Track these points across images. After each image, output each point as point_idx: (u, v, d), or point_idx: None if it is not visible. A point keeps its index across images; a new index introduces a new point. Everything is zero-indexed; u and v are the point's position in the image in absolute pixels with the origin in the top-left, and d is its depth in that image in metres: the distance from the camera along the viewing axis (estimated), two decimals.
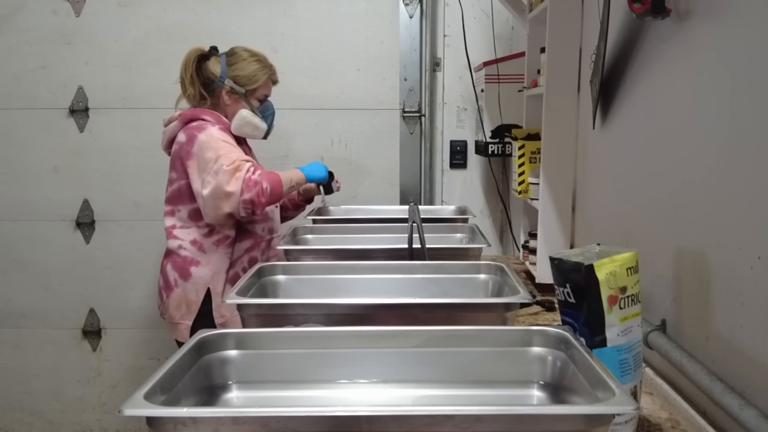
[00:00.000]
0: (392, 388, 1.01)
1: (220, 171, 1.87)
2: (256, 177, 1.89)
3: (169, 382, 0.86)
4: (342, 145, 2.87)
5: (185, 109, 2.05)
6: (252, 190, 1.87)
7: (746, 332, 0.92)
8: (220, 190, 1.87)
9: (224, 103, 2.05)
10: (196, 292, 2.01)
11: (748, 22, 0.93)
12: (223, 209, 1.89)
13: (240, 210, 1.89)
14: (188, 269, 2.01)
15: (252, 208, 1.90)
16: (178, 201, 2.01)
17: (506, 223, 2.83)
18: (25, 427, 3.03)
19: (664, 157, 1.21)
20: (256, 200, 1.89)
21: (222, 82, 2.03)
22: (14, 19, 2.78)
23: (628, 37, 1.38)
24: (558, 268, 0.95)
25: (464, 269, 1.49)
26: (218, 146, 1.92)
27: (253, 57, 2.07)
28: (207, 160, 1.90)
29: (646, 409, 1.11)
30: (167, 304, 2.03)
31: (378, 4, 2.81)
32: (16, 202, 2.88)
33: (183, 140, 1.95)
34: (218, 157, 1.89)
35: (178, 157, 1.97)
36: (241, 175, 1.87)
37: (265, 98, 2.11)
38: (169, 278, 2.02)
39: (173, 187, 2.01)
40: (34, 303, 2.94)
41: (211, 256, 2.02)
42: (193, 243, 2.01)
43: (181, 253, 2.01)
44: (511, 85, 2.36)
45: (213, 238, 2.02)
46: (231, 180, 1.86)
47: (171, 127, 2.02)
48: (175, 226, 2.03)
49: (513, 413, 0.74)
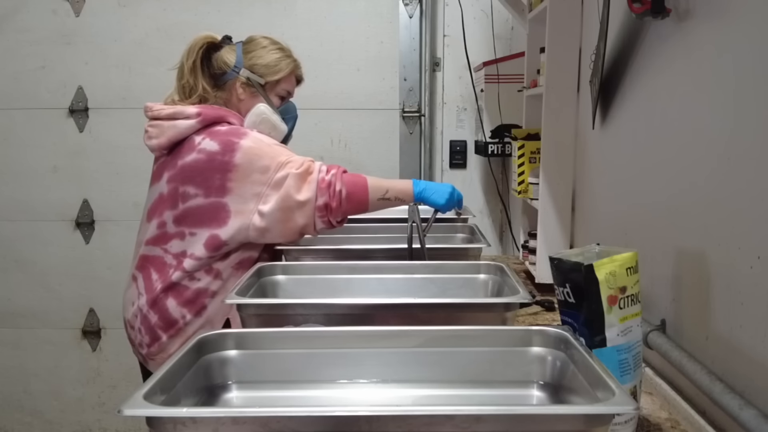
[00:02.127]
0: (392, 388, 1.01)
1: (289, 177, 1.53)
2: (329, 177, 1.56)
3: (169, 382, 0.86)
4: (342, 145, 2.87)
5: (194, 105, 1.64)
6: (325, 194, 1.54)
7: (746, 332, 0.92)
8: (290, 200, 1.53)
9: (237, 98, 1.69)
10: (211, 325, 1.61)
11: (748, 21, 0.93)
12: (296, 221, 1.54)
13: (317, 221, 1.56)
14: (202, 302, 1.60)
15: (327, 216, 1.56)
16: (197, 222, 1.58)
17: (506, 223, 2.83)
18: (24, 427, 3.03)
19: (663, 156, 1.21)
20: (330, 205, 1.55)
21: (236, 72, 1.68)
22: (14, 19, 2.78)
23: (628, 37, 1.38)
24: (558, 268, 0.95)
25: (464, 269, 1.49)
26: (274, 152, 1.57)
27: (274, 45, 1.75)
28: (263, 170, 1.54)
29: (645, 409, 1.11)
30: (167, 345, 1.61)
31: (378, 4, 2.81)
32: (15, 202, 2.88)
33: (215, 149, 1.55)
34: (280, 165, 1.54)
35: (204, 168, 1.56)
36: (314, 178, 1.54)
37: (287, 96, 1.79)
38: (174, 316, 1.59)
39: (191, 204, 1.57)
40: (33, 303, 2.94)
41: (229, 282, 1.61)
42: (208, 271, 1.60)
43: (191, 285, 1.59)
44: (511, 85, 2.36)
45: (232, 260, 1.62)
46: (303, 186, 1.54)
47: (181, 125, 1.60)
48: (186, 254, 1.59)
49: (513, 413, 0.74)
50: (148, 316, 1.61)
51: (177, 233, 1.60)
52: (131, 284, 1.67)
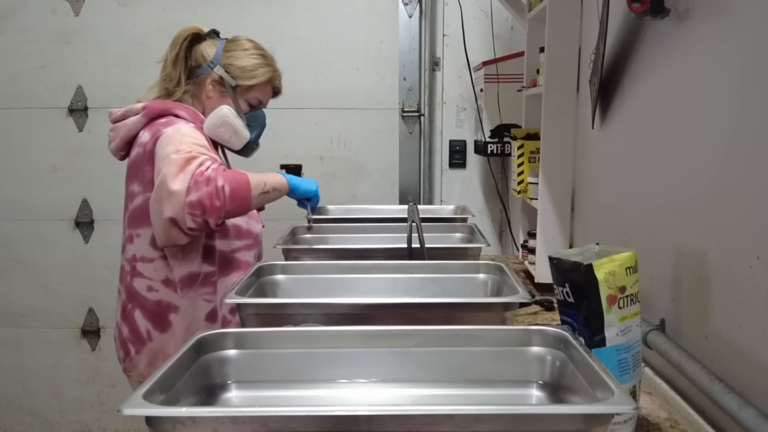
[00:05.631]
0: (391, 387, 1.01)
1: (166, 160, 1.39)
2: (210, 173, 1.39)
3: (169, 382, 0.86)
4: (341, 144, 2.87)
5: (148, 101, 1.59)
6: (201, 189, 1.37)
7: (745, 332, 0.92)
8: (163, 188, 1.37)
9: (206, 95, 1.62)
10: (175, 343, 1.51)
11: (747, 21, 0.93)
12: (164, 213, 1.38)
13: (186, 218, 1.38)
14: (166, 317, 1.52)
15: (202, 215, 1.39)
16: (140, 222, 1.50)
17: (505, 222, 2.83)
18: (24, 427, 3.03)
19: (663, 156, 1.21)
20: (208, 204, 1.38)
21: (210, 68, 1.61)
22: (13, 19, 2.78)
23: (628, 36, 1.38)
24: (557, 267, 0.95)
25: (463, 269, 1.49)
26: (181, 140, 1.44)
27: (257, 50, 1.67)
28: (162, 157, 1.42)
29: (645, 408, 1.11)
30: (136, 361, 1.55)
31: (377, 3, 2.81)
32: (15, 202, 2.88)
33: (146, 140, 1.49)
34: (175, 150, 1.41)
35: (141, 162, 1.49)
36: (191, 169, 1.38)
37: (258, 104, 1.69)
38: (140, 329, 1.53)
39: (135, 204, 1.51)
40: (33, 302, 2.94)
41: (185, 299, 1.53)
42: (167, 283, 1.52)
43: (152, 297, 1.52)
44: (511, 85, 2.36)
45: (183, 273, 1.51)
46: (179, 174, 1.37)
47: (129, 123, 1.54)
48: (137, 258, 1.51)
49: (512, 413, 0.74)
50: (121, 329, 1.57)
51: (128, 237, 1.54)
52: (117, 298, 1.64)
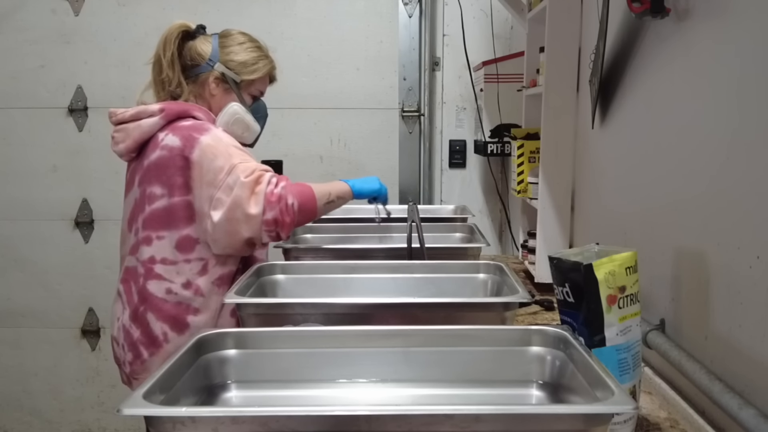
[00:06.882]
0: (391, 387, 1.01)
1: (237, 184, 1.46)
2: (279, 191, 1.49)
3: (168, 382, 0.86)
4: (341, 144, 2.87)
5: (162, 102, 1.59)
6: (274, 209, 1.48)
7: (745, 332, 0.92)
8: (238, 211, 1.46)
9: (209, 93, 1.64)
10: None
11: (747, 21, 0.93)
12: (242, 234, 1.48)
13: (263, 235, 1.50)
14: (184, 319, 1.53)
15: (276, 230, 1.50)
16: (164, 225, 1.51)
17: (505, 222, 2.83)
18: (23, 427, 3.03)
19: (663, 156, 1.21)
20: (281, 221, 1.48)
21: (211, 66, 1.62)
22: (13, 18, 2.78)
23: (628, 36, 1.38)
24: (557, 267, 0.95)
25: (463, 269, 1.49)
26: (230, 153, 1.50)
27: (252, 42, 1.69)
28: (217, 171, 1.47)
29: (644, 408, 1.11)
30: (149, 364, 1.53)
31: (377, 3, 2.81)
32: (15, 202, 2.88)
33: (176, 144, 1.50)
34: (232, 168, 1.47)
35: (166, 165, 1.51)
36: (262, 189, 1.47)
37: (260, 95, 1.74)
38: (155, 332, 1.52)
39: (157, 206, 1.51)
40: (33, 302, 2.94)
41: (211, 299, 1.54)
42: (187, 286, 1.52)
43: (169, 299, 1.52)
44: (510, 85, 2.36)
45: (211, 276, 1.54)
46: (251, 197, 1.47)
47: (144, 124, 1.54)
48: (155, 260, 1.51)
49: (512, 413, 0.74)
50: (131, 331, 1.54)
51: (144, 238, 1.53)
52: (116, 299, 1.61)
